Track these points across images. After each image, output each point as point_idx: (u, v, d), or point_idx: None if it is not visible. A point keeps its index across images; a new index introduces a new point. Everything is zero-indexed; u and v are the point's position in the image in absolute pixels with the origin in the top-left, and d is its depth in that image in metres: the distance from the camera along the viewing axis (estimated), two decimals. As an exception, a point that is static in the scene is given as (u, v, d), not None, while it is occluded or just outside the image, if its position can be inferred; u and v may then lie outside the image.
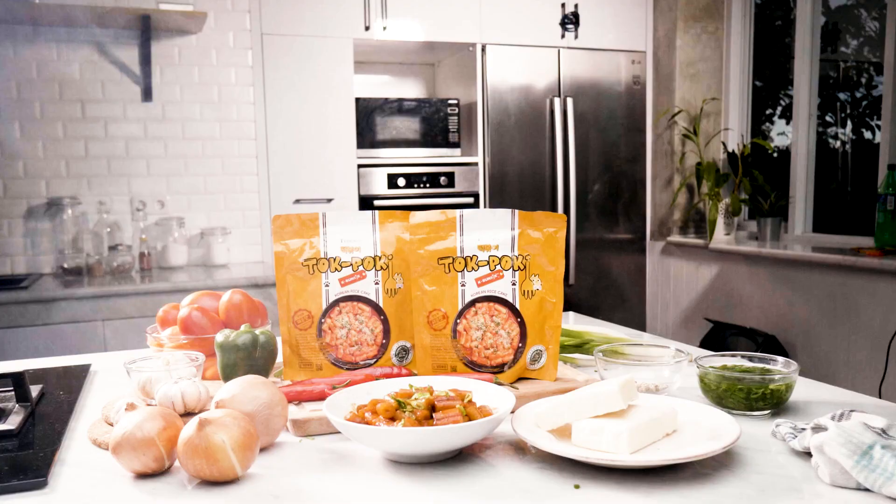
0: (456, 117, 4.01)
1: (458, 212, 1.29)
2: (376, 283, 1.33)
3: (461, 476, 0.94)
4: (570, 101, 4.14)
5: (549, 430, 1.00)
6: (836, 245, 3.71)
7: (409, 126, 3.93)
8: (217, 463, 0.90)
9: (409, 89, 4.44)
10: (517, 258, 1.28)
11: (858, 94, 3.88)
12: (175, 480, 0.95)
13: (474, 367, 1.29)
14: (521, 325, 1.28)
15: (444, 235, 1.29)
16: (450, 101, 4.00)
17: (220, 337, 1.23)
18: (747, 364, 1.23)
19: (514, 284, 1.28)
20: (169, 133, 3.65)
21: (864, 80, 3.91)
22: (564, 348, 1.49)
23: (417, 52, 4.18)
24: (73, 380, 1.42)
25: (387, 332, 1.33)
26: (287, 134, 3.74)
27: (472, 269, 1.28)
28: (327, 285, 1.32)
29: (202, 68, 3.67)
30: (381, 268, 1.33)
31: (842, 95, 3.91)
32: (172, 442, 0.94)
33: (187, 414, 1.10)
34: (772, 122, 4.36)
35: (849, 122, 3.90)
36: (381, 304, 1.33)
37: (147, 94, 3.58)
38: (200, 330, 1.34)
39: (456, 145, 4.04)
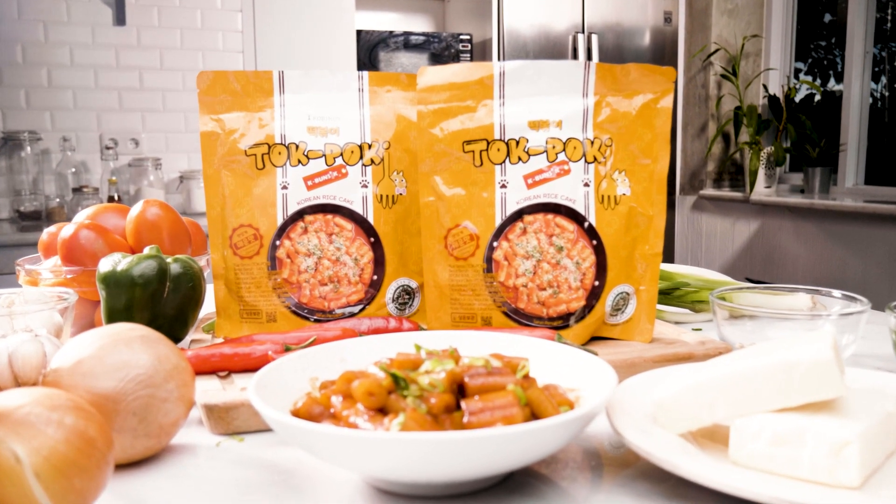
0: (468, 54, 3.76)
1: (497, 65, 0.79)
2: (364, 186, 0.84)
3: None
4: (594, 37, 3.87)
5: (679, 434, 0.54)
6: (893, 198, 3.38)
7: (416, 63, 3.69)
8: None
9: (417, 28, 4.20)
10: (593, 143, 0.79)
11: (894, 48, 3.65)
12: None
13: (521, 318, 0.80)
14: (599, 251, 0.79)
15: (473, 106, 0.79)
16: (462, 37, 3.77)
17: (105, 265, 0.74)
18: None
19: (586, 186, 0.79)
20: (144, 62, 3.37)
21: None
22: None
23: (425, -16, 3.94)
24: None
25: (380, 264, 0.85)
26: (280, 67, 3.48)
27: (520, 159, 0.79)
28: (286, 188, 0.83)
29: (183, -10, 3.43)
30: (373, 161, 0.84)
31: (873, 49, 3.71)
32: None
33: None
34: (797, 79, 4.11)
35: (882, 77, 3.68)
36: (370, 219, 0.84)
37: (119, 18, 3.29)
38: (92, 259, 0.86)
39: (469, 85, 3.69)
